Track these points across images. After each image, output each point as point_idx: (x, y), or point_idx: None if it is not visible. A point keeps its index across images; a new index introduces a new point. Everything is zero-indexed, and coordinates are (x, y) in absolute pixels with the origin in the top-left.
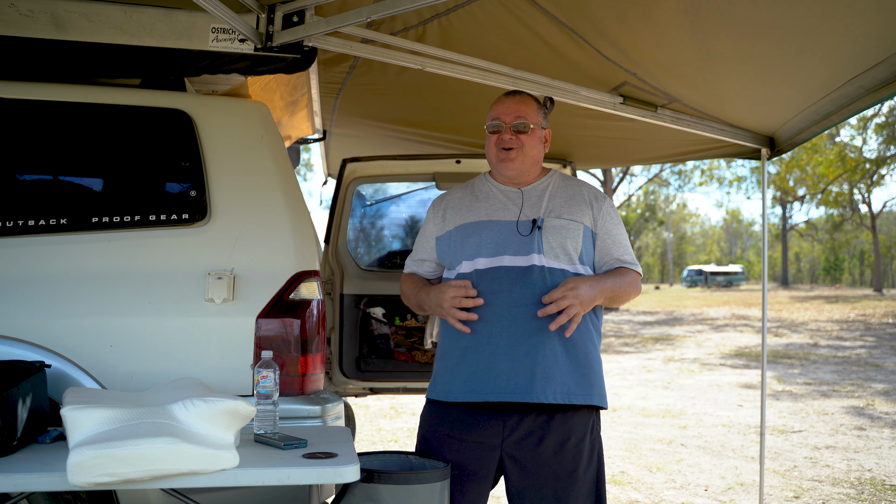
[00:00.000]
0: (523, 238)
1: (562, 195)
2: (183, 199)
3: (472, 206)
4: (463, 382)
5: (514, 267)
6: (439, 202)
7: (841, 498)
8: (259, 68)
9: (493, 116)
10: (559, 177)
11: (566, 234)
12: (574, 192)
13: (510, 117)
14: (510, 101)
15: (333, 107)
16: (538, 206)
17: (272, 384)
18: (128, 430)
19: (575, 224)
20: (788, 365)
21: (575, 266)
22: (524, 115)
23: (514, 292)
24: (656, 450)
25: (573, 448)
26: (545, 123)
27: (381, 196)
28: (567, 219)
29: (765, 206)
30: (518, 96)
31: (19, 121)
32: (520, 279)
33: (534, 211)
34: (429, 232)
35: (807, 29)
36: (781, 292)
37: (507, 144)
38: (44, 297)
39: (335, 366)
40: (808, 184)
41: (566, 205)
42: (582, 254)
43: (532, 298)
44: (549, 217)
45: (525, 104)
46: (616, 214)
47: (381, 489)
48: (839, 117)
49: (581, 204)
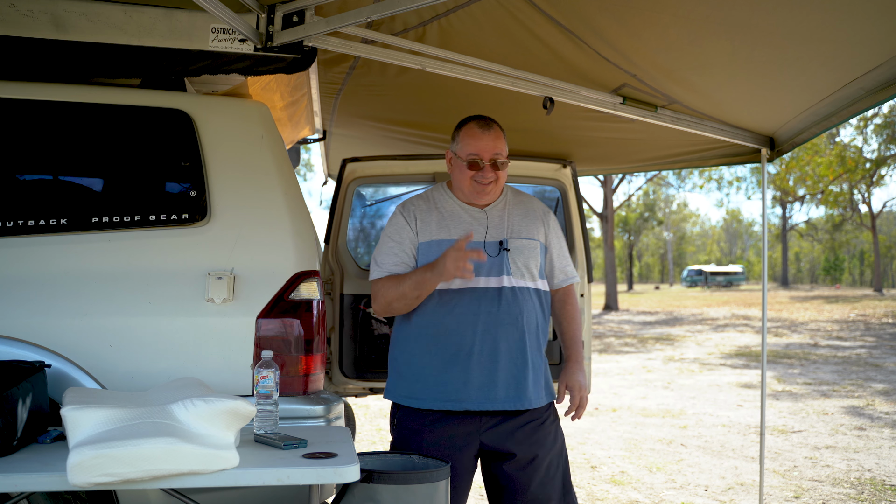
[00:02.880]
0: (493, 259)
1: (518, 212)
2: (183, 199)
3: (440, 224)
4: (444, 394)
5: (488, 288)
6: (407, 211)
7: (841, 498)
8: (259, 68)
9: (470, 151)
10: (511, 193)
11: (529, 254)
12: (528, 209)
13: (489, 154)
14: (488, 138)
15: (333, 107)
16: (501, 227)
17: (272, 384)
18: (128, 430)
19: (534, 243)
20: (788, 365)
21: (536, 282)
22: (500, 151)
23: (491, 312)
24: (656, 450)
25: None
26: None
27: (381, 196)
28: (527, 238)
29: (765, 206)
30: (493, 131)
31: (19, 121)
32: (495, 299)
33: (498, 231)
34: (408, 238)
35: (806, 34)
36: (781, 292)
37: (486, 180)
38: (44, 297)
39: (335, 366)
40: (808, 184)
41: (523, 223)
42: (541, 269)
43: (506, 318)
44: (511, 238)
45: (499, 139)
46: (559, 226)
47: (380, 489)
48: (839, 118)
49: (535, 221)
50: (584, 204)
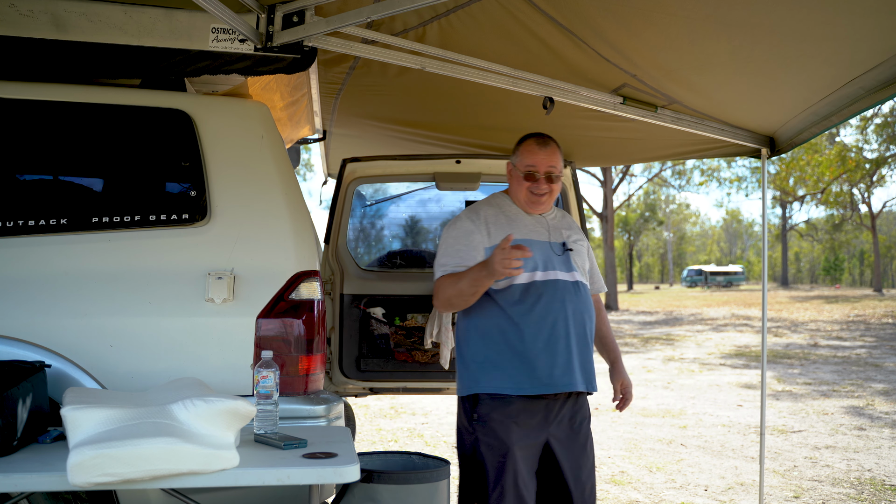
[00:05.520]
0: (559, 257)
1: (565, 223)
2: (183, 199)
3: (509, 224)
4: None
5: (566, 281)
6: (476, 216)
7: (841, 498)
8: (259, 68)
9: (527, 164)
10: (556, 209)
11: (583, 255)
12: (571, 222)
13: (544, 167)
14: (544, 153)
15: (333, 107)
16: (558, 232)
17: (272, 384)
18: (128, 430)
19: (584, 248)
20: (788, 365)
21: (586, 281)
22: (555, 166)
23: (573, 301)
24: (656, 450)
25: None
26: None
27: (381, 196)
28: (580, 243)
29: (765, 206)
30: (549, 147)
31: (19, 121)
32: (571, 291)
33: (557, 235)
34: (476, 241)
35: (806, 33)
36: (781, 292)
37: (541, 191)
38: (44, 297)
39: (335, 366)
40: (808, 184)
41: (572, 231)
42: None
43: (582, 307)
44: (569, 241)
45: (555, 155)
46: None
47: (380, 489)
48: (839, 118)
49: (579, 231)
50: (584, 204)
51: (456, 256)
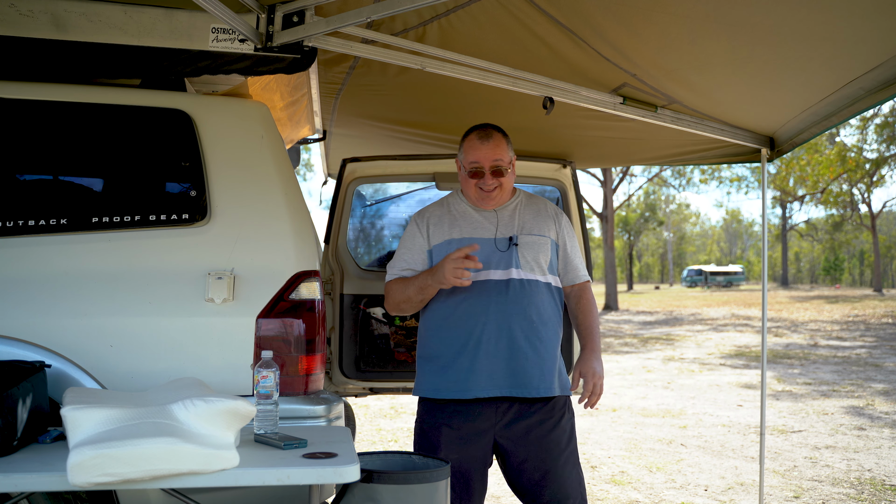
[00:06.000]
0: (502, 254)
1: (529, 212)
2: (183, 199)
3: (452, 225)
4: (455, 382)
5: (498, 280)
6: (421, 218)
7: (841, 498)
8: (259, 68)
9: (471, 159)
10: (524, 196)
11: (538, 249)
12: (539, 209)
13: (488, 162)
14: (487, 147)
15: (333, 107)
16: (511, 225)
17: (272, 384)
18: (128, 430)
19: (544, 239)
20: (788, 365)
21: (546, 276)
22: (501, 158)
23: (500, 302)
24: (656, 450)
25: (555, 425)
26: (513, 153)
27: (381, 196)
28: (537, 234)
29: (765, 206)
30: (492, 140)
31: (19, 121)
32: (503, 291)
33: (508, 229)
34: (418, 245)
35: (806, 34)
36: (781, 292)
37: (489, 188)
38: (44, 297)
39: (335, 366)
40: (808, 184)
41: (534, 221)
42: (551, 264)
43: (514, 307)
44: (521, 234)
45: (499, 147)
46: (572, 228)
47: (380, 489)
48: (839, 118)
49: (546, 219)
50: (584, 204)
51: (401, 260)
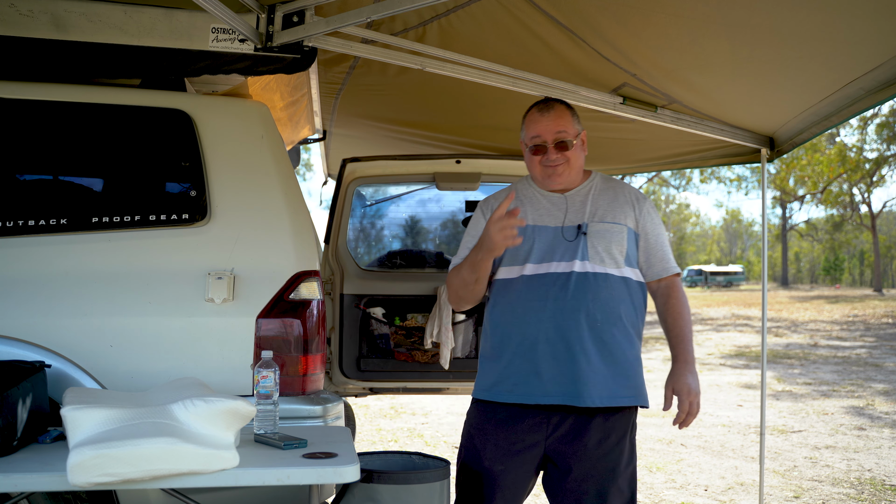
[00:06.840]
0: (569, 244)
1: (604, 198)
2: (183, 199)
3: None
4: (506, 386)
5: (559, 273)
6: (486, 205)
7: (841, 498)
8: (259, 68)
9: (532, 134)
10: (600, 178)
11: (611, 237)
12: (616, 194)
13: (551, 135)
14: (547, 119)
15: (333, 107)
16: (582, 211)
17: (272, 384)
18: (128, 430)
19: (619, 227)
20: (788, 365)
21: (621, 269)
22: (564, 129)
23: (559, 299)
24: (656, 450)
25: (614, 445)
26: (580, 127)
27: (381, 196)
28: (610, 222)
29: (765, 206)
30: (553, 111)
31: (19, 121)
32: (564, 285)
33: (578, 215)
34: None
35: (806, 35)
36: (781, 292)
37: (553, 163)
38: (44, 297)
39: (335, 366)
40: (808, 184)
41: (609, 207)
42: (628, 255)
43: (574, 305)
44: (592, 222)
45: (562, 118)
46: (657, 214)
47: (380, 489)
48: (839, 118)
49: (624, 205)
50: None
51: (464, 248)
